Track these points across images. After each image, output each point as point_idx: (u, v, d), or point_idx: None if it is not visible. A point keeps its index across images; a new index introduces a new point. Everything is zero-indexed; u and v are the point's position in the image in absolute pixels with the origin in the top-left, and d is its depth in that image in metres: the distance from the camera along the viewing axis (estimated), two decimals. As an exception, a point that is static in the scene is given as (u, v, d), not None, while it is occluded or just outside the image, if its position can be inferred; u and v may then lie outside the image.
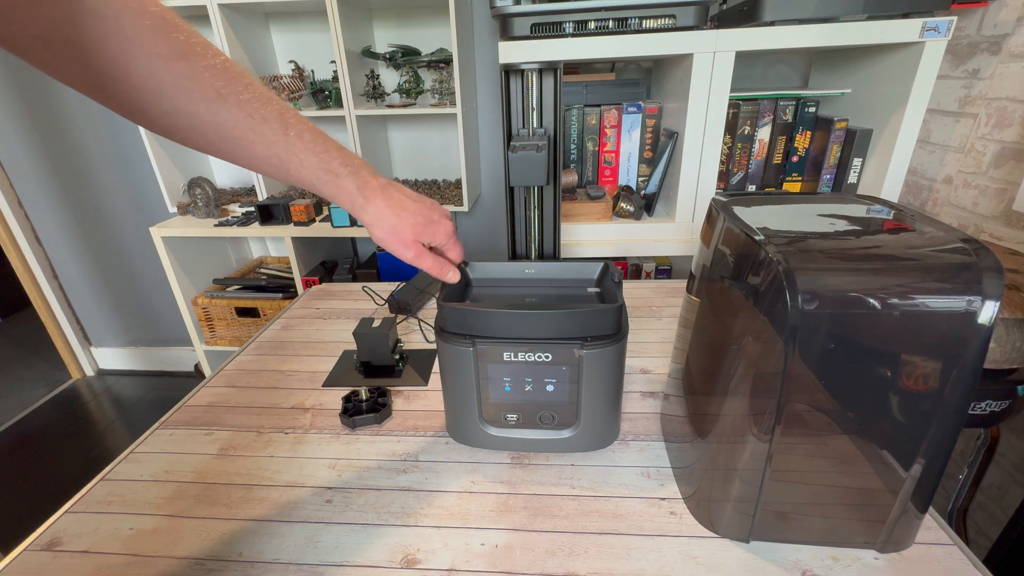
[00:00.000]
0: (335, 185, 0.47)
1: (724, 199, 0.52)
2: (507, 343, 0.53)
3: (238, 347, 0.94)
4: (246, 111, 0.41)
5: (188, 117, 0.39)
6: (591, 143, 1.33)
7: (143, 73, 0.36)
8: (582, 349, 0.52)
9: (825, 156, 1.18)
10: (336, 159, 0.46)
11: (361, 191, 0.48)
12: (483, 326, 0.54)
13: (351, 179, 0.47)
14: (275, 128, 0.42)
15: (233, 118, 0.40)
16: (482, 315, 0.54)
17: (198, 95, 0.38)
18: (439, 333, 0.56)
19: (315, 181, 0.46)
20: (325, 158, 0.45)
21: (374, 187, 0.49)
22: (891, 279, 0.36)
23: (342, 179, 0.47)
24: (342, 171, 0.46)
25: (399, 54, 1.54)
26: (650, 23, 1.02)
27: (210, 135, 0.41)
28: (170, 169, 1.68)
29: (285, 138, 0.43)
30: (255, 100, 0.41)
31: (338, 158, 0.46)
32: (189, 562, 0.48)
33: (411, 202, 0.51)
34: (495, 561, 0.47)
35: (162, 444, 0.64)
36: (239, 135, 0.41)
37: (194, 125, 0.40)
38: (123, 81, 0.36)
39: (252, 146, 0.42)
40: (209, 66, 0.39)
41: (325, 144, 0.46)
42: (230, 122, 0.40)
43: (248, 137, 0.41)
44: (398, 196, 0.50)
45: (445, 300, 0.56)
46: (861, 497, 0.43)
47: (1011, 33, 0.97)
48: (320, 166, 0.45)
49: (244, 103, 0.40)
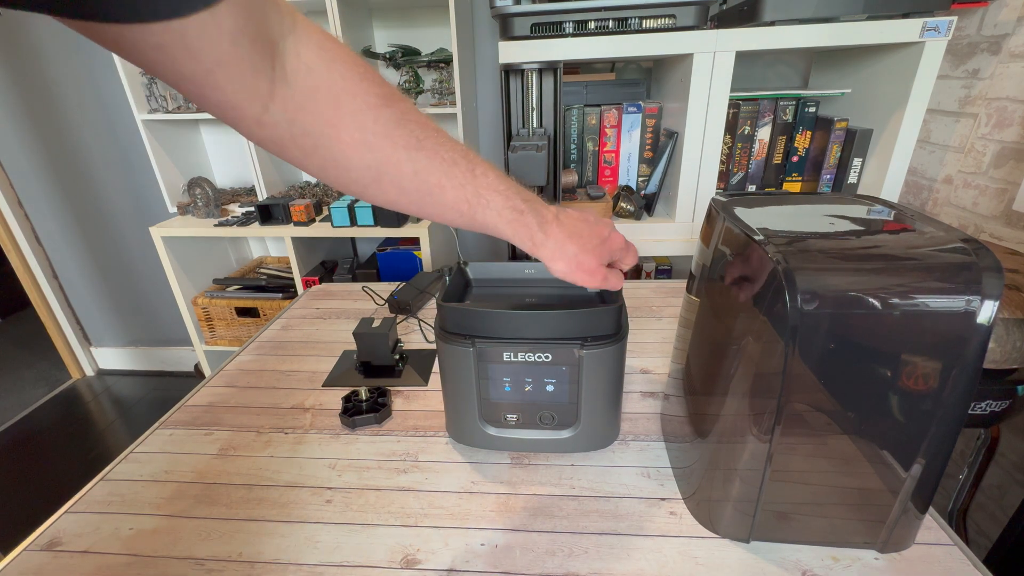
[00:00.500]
0: (519, 223, 0.43)
1: (724, 199, 0.52)
2: (507, 343, 0.53)
3: (238, 347, 0.94)
4: (440, 155, 0.39)
5: (390, 166, 0.37)
6: (591, 143, 1.33)
7: (352, 126, 0.35)
8: (582, 349, 0.52)
9: (825, 156, 1.18)
10: (517, 195, 0.43)
11: (541, 226, 0.44)
12: (483, 326, 0.54)
13: (532, 215, 0.44)
14: (464, 170, 0.40)
15: (430, 163, 0.39)
16: (482, 315, 0.54)
17: (401, 143, 0.37)
18: (439, 333, 0.56)
19: (499, 222, 0.43)
20: (509, 195, 0.43)
21: (550, 219, 0.45)
22: (891, 279, 0.36)
23: (525, 216, 0.43)
24: (524, 207, 0.43)
25: (399, 54, 1.54)
26: (650, 23, 1.02)
27: (406, 184, 0.39)
28: (170, 169, 1.68)
29: (473, 179, 0.41)
30: (445, 143, 0.40)
31: (518, 194, 0.44)
32: (189, 562, 0.48)
33: (584, 225, 0.47)
34: (495, 561, 0.47)
35: (162, 444, 0.64)
36: (434, 181, 0.39)
37: (394, 175, 0.38)
38: (331, 136, 0.35)
39: (444, 192, 0.40)
40: (407, 110, 0.38)
41: (506, 181, 0.43)
42: (427, 168, 0.39)
43: (441, 183, 0.39)
44: (571, 222, 0.47)
45: (445, 300, 0.56)
46: (861, 497, 0.43)
47: (1011, 33, 0.97)
48: (506, 205, 0.42)
49: (438, 147, 0.39)
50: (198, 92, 0.30)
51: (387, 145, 0.37)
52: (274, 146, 0.36)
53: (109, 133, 1.82)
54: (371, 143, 0.36)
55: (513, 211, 0.43)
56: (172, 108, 1.60)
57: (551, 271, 0.47)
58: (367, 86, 0.36)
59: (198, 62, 0.28)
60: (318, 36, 0.34)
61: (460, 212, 0.42)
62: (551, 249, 0.45)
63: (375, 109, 0.36)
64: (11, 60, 1.72)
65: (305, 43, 0.33)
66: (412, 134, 0.38)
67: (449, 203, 0.41)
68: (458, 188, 0.40)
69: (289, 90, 0.33)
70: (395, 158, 0.37)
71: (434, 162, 0.39)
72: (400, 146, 0.37)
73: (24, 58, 1.72)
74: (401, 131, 0.37)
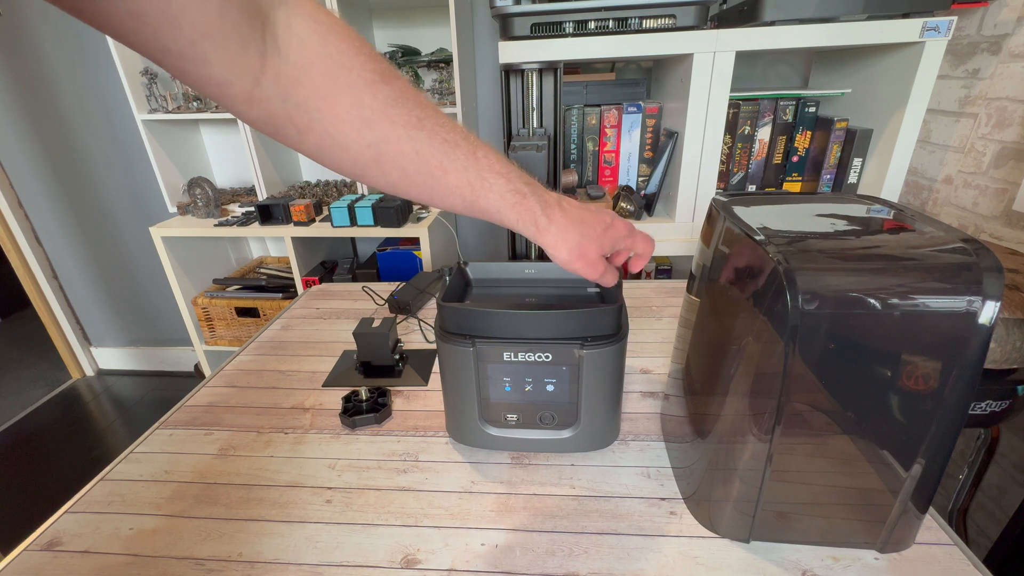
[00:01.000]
0: (522, 207, 0.42)
1: (724, 199, 0.52)
2: (507, 343, 0.53)
3: (238, 347, 0.94)
4: (440, 136, 0.38)
5: (390, 145, 0.36)
6: (591, 143, 1.33)
7: (349, 101, 0.34)
8: (582, 349, 0.52)
9: (825, 156, 1.18)
10: (519, 178, 0.42)
11: (544, 211, 0.43)
12: (483, 326, 0.54)
13: (535, 198, 0.42)
14: (465, 152, 0.39)
15: (430, 144, 0.37)
16: (482, 315, 0.54)
17: (401, 121, 0.36)
18: (439, 333, 0.55)
19: (502, 205, 0.41)
20: (511, 178, 0.41)
21: (552, 203, 0.44)
22: (891, 279, 0.36)
23: (528, 199, 0.42)
24: (527, 190, 0.42)
25: (399, 54, 1.54)
26: (650, 23, 1.02)
27: (408, 164, 0.37)
28: (170, 169, 1.68)
29: (475, 161, 0.39)
30: (445, 124, 0.38)
31: (520, 177, 0.42)
32: (189, 562, 0.48)
33: (587, 212, 0.46)
34: (495, 561, 0.47)
35: (162, 444, 0.64)
36: (436, 162, 0.38)
37: (395, 155, 0.37)
38: (327, 112, 0.33)
39: (446, 174, 0.39)
40: (405, 88, 0.36)
41: (508, 163, 0.42)
42: (428, 149, 0.37)
43: (443, 164, 0.38)
44: (572, 209, 0.45)
45: (445, 300, 0.56)
46: (861, 497, 0.43)
47: (1011, 33, 0.97)
48: (508, 187, 0.41)
49: (438, 127, 0.38)
50: (182, 66, 0.28)
51: (386, 123, 0.35)
52: (267, 126, 0.34)
53: (109, 133, 1.82)
54: (370, 120, 0.35)
55: (516, 194, 0.41)
56: (172, 108, 1.60)
57: (553, 258, 0.46)
58: (363, 60, 0.34)
59: (181, 32, 0.26)
60: (311, 7, 0.33)
61: (462, 196, 0.40)
62: (554, 236, 0.44)
63: (372, 85, 0.34)
64: (11, 60, 1.72)
65: (297, 14, 0.32)
66: (412, 112, 0.36)
67: (452, 186, 0.39)
68: (460, 171, 0.39)
69: (282, 64, 0.31)
70: (395, 136, 0.36)
71: (435, 143, 0.37)
72: (400, 124, 0.36)
73: (24, 58, 1.72)
74: (400, 109, 0.36)
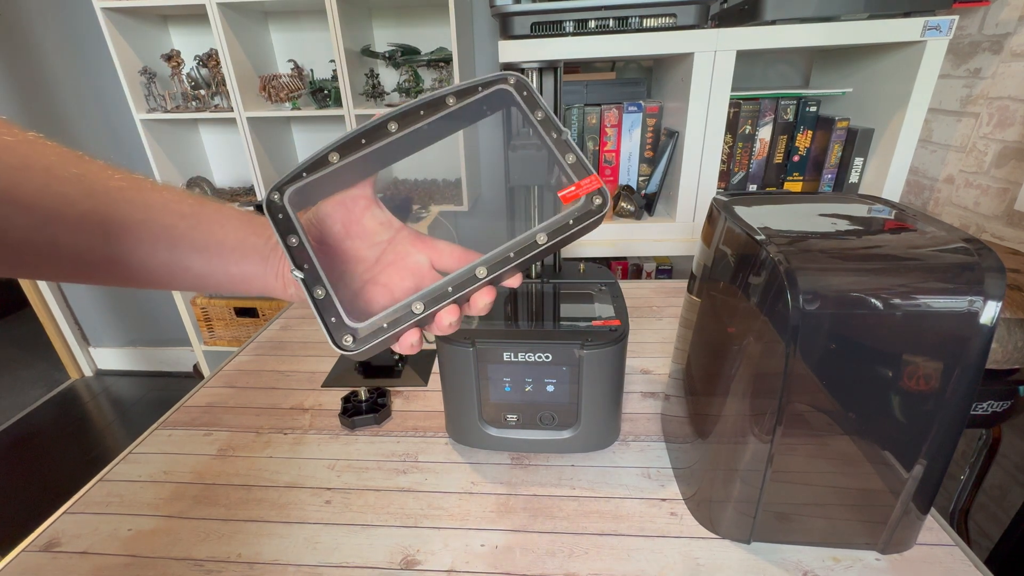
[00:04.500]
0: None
1: (725, 199, 0.51)
2: (507, 343, 0.53)
3: (237, 347, 0.94)
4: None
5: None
6: (591, 142, 1.33)
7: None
8: (582, 349, 0.52)
9: (826, 156, 1.18)
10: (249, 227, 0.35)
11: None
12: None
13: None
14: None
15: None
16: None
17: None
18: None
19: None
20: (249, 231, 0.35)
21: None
22: (893, 279, 0.36)
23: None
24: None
25: (399, 53, 1.54)
26: (651, 22, 1.02)
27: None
28: (169, 169, 1.68)
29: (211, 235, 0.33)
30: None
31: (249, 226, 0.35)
32: (188, 563, 0.48)
33: None
34: (495, 562, 0.47)
35: (161, 445, 0.64)
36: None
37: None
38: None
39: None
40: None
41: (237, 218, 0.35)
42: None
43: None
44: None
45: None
46: (862, 498, 0.43)
47: (1013, 32, 0.97)
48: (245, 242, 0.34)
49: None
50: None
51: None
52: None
53: (108, 133, 1.81)
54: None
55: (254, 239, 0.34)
56: (171, 107, 1.59)
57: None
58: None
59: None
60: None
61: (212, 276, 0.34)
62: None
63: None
64: (11, 60, 1.72)
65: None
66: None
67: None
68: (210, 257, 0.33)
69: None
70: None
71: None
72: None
73: (23, 58, 1.72)
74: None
